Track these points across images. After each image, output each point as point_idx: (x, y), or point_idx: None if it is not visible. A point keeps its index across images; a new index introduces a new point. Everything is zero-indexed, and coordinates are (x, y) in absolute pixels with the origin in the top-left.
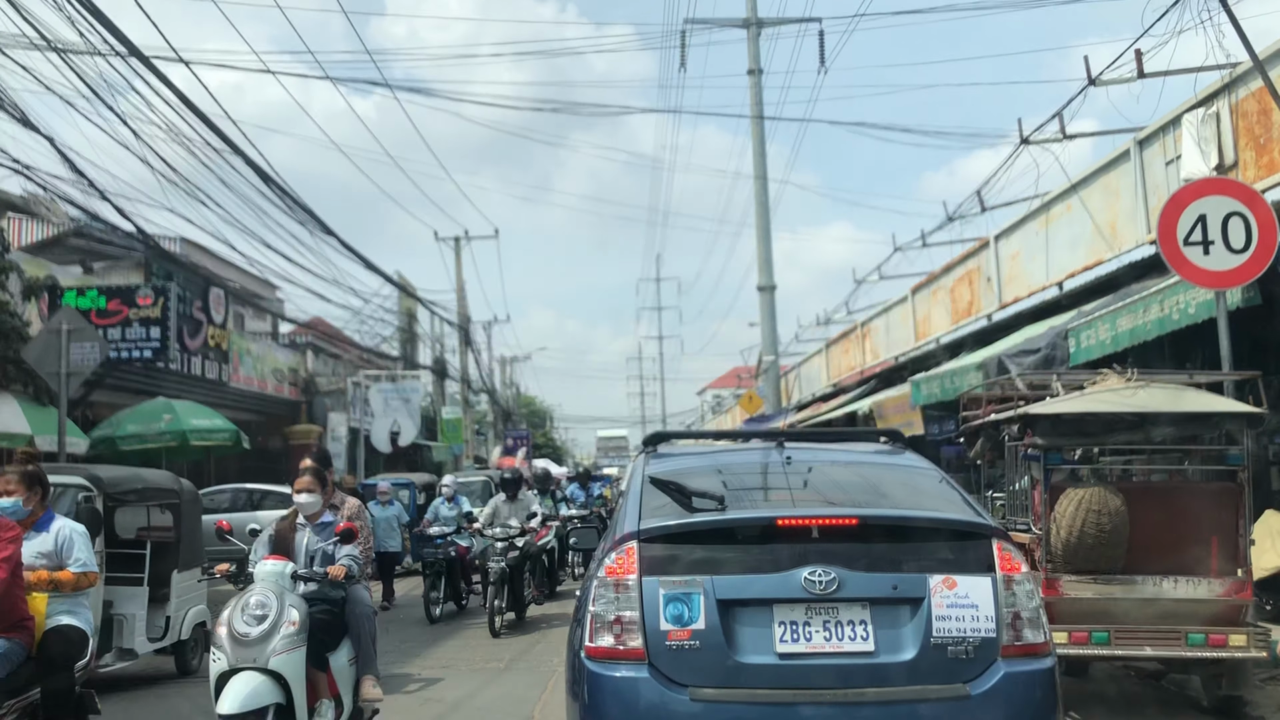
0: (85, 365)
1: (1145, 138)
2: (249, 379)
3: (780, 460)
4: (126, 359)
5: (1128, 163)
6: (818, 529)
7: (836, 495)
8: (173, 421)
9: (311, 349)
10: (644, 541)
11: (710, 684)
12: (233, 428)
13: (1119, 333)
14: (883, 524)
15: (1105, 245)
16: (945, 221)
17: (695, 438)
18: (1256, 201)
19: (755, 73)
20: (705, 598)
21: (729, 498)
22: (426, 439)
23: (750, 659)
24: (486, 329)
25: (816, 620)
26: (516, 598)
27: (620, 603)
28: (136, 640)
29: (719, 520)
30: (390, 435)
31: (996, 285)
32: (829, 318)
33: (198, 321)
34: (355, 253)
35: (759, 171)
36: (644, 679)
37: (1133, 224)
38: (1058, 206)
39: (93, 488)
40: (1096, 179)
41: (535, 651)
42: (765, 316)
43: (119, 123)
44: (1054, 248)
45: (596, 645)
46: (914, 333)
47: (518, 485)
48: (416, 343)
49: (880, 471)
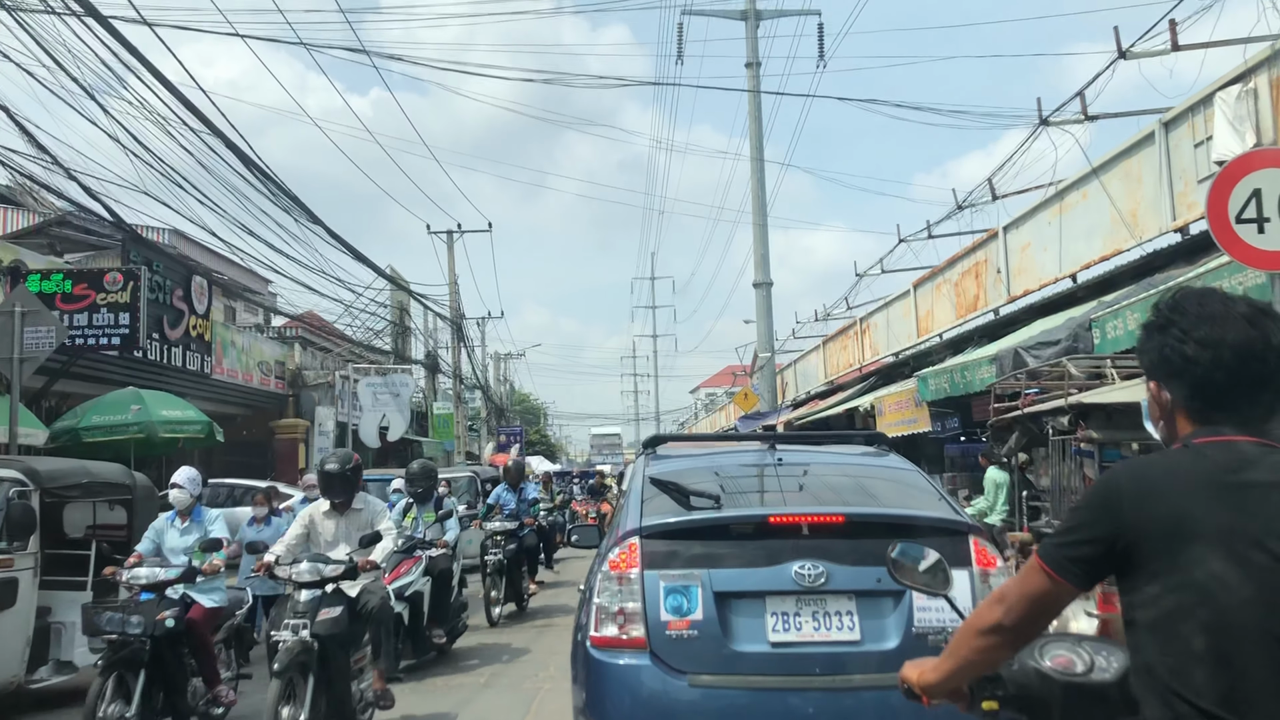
0: (40, 350)
1: (1171, 119)
2: (233, 371)
3: (773, 461)
4: (93, 346)
5: (1151, 146)
6: (807, 526)
7: (825, 494)
8: (140, 412)
9: (300, 342)
10: (645, 538)
11: (708, 671)
12: (205, 419)
13: None
14: (868, 521)
15: (1125, 234)
16: (954, 210)
17: (692, 440)
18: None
19: (753, 65)
20: (703, 590)
21: (725, 497)
22: (418, 435)
23: (745, 647)
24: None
25: (806, 611)
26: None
27: (623, 595)
28: (76, 651)
29: (716, 518)
30: (379, 430)
31: (1005, 278)
32: (828, 313)
33: (179, 311)
34: (342, 242)
35: (756, 167)
36: (646, 666)
37: (1156, 211)
38: (1073, 195)
39: (28, 481)
40: (1117, 164)
41: None
42: (761, 313)
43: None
44: (1068, 238)
45: (601, 635)
46: (916, 328)
47: (344, 486)
48: (409, 337)
49: (866, 472)
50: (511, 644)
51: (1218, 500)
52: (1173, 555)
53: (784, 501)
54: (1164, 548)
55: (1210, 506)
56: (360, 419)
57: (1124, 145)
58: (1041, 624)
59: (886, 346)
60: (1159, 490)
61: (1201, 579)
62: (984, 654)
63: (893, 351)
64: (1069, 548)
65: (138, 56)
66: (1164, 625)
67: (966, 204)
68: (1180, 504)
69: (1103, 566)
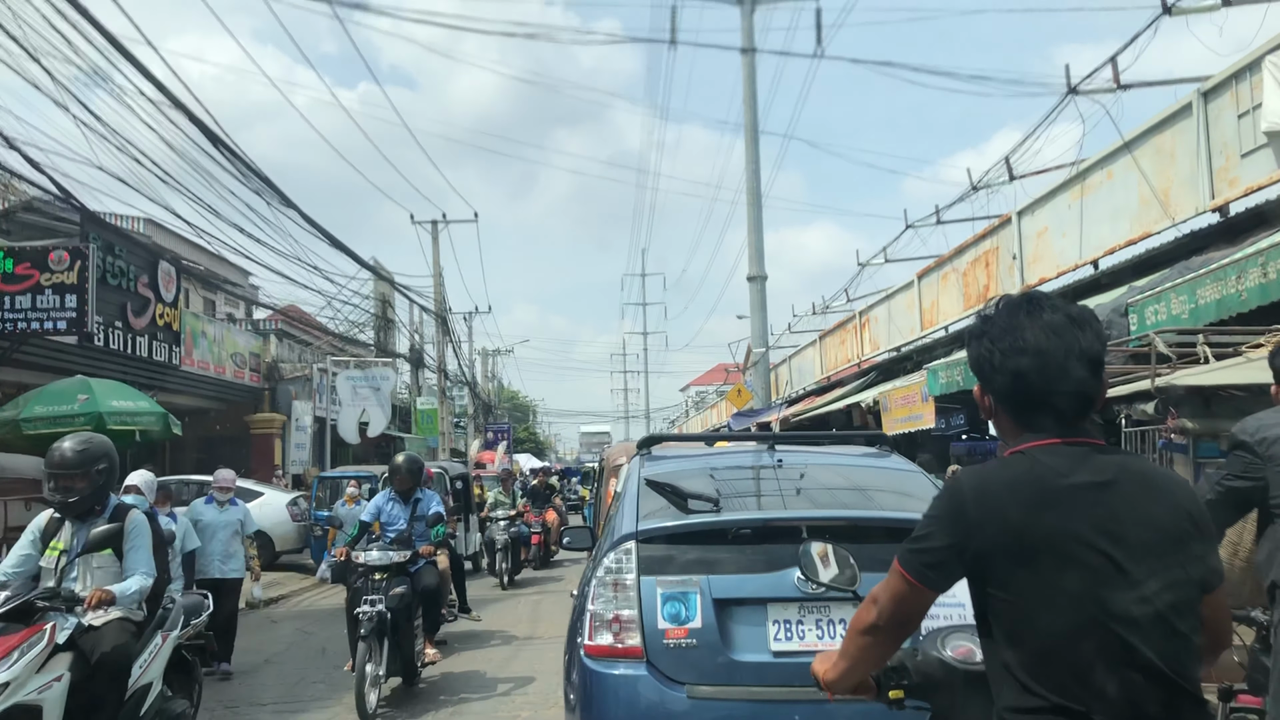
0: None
1: (1212, 88)
2: (203, 363)
3: (772, 463)
4: (37, 331)
5: (1188, 119)
6: (809, 530)
7: (826, 497)
8: (88, 402)
9: (277, 334)
10: (642, 542)
11: (707, 681)
12: (160, 411)
13: (1201, 305)
14: (871, 525)
15: (1156, 215)
16: (968, 192)
17: (687, 440)
18: None
19: (749, 51)
20: (702, 597)
21: (723, 500)
22: (400, 431)
23: (746, 657)
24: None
25: (809, 619)
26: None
27: (619, 601)
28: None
29: (714, 521)
30: (359, 426)
31: (1019, 266)
32: (826, 305)
33: (144, 298)
34: (318, 227)
35: (751, 155)
36: (642, 677)
37: (1192, 189)
38: (1096, 175)
39: None
40: (1147, 140)
41: None
42: (755, 308)
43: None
44: (1090, 222)
45: (596, 643)
46: (920, 321)
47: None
48: (392, 330)
49: (868, 474)
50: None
51: (1051, 505)
52: (1015, 560)
53: (784, 505)
54: (1006, 554)
55: (1045, 512)
56: (339, 414)
57: (1157, 118)
58: (911, 623)
59: (888, 341)
60: (999, 499)
61: (1041, 582)
62: (866, 651)
63: (894, 346)
64: (922, 554)
65: (89, 19)
66: (1013, 625)
67: (982, 184)
68: (1018, 511)
69: (954, 571)
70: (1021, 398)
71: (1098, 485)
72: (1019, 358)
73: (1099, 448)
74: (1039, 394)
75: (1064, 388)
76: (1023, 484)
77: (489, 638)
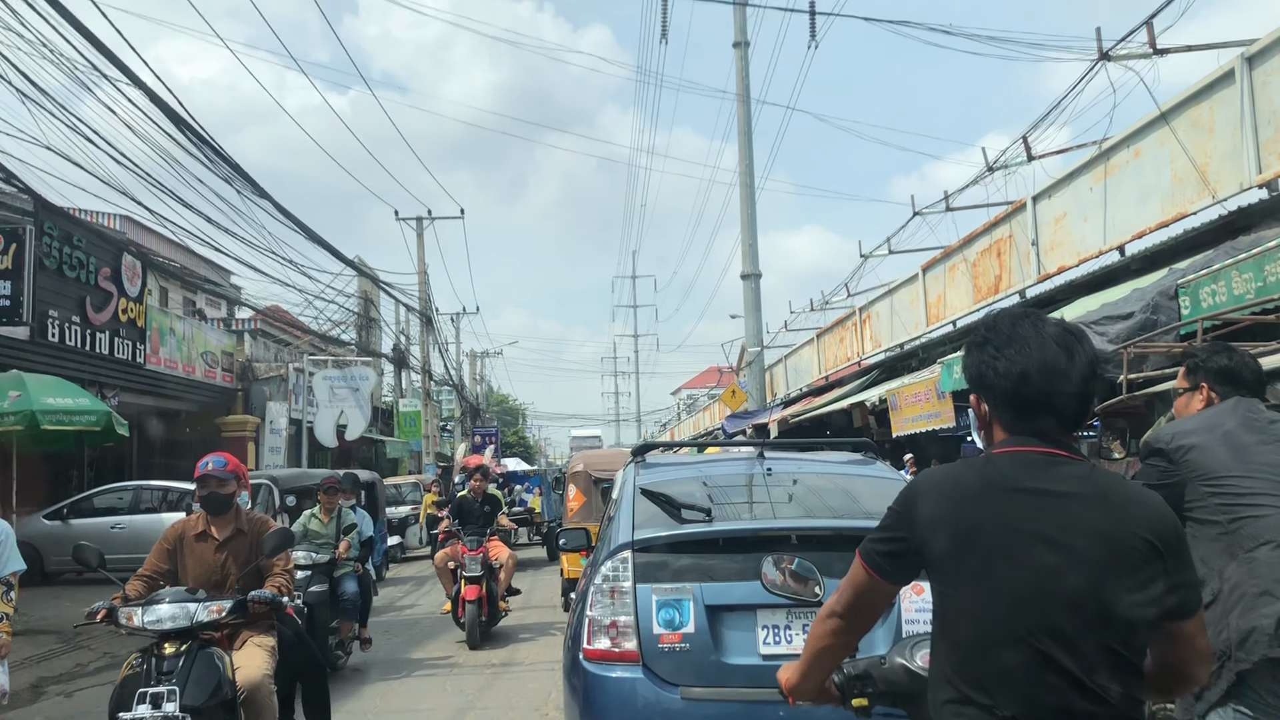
0: None
1: (1258, 52)
2: (171, 361)
3: (761, 472)
4: None
5: (1230, 87)
6: (797, 538)
7: (815, 506)
8: (20, 399)
9: (252, 333)
10: (638, 551)
11: (700, 684)
12: (103, 409)
13: (1269, 282)
14: (856, 534)
15: (1191, 194)
16: (983, 173)
17: (679, 447)
18: None
19: (741, 45)
20: (694, 603)
21: (715, 509)
22: (382, 434)
23: (736, 660)
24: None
25: (797, 624)
26: None
27: (616, 608)
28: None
29: (707, 531)
30: (336, 428)
31: (1035, 255)
32: (826, 301)
33: (105, 292)
34: (294, 220)
35: (744, 153)
36: (639, 679)
37: (1235, 163)
38: (1121, 154)
39: None
40: (1181, 113)
41: None
42: (750, 306)
43: None
44: (1115, 204)
45: (594, 647)
46: (925, 316)
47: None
48: (374, 329)
49: (854, 482)
50: None
51: (987, 505)
52: (953, 558)
53: (774, 513)
54: (946, 551)
55: (987, 514)
56: (316, 415)
57: (1194, 88)
58: (871, 613)
59: (890, 337)
60: (945, 498)
61: (974, 580)
62: (827, 639)
63: (898, 343)
64: (879, 545)
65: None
66: (943, 618)
67: (998, 164)
68: (961, 511)
69: (908, 564)
70: (1020, 402)
71: (1047, 493)
72: (1024, 362)
73: (1071, 460)
74: (1038, 400)
75: (1065, 389)
76: (968, 483)
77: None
